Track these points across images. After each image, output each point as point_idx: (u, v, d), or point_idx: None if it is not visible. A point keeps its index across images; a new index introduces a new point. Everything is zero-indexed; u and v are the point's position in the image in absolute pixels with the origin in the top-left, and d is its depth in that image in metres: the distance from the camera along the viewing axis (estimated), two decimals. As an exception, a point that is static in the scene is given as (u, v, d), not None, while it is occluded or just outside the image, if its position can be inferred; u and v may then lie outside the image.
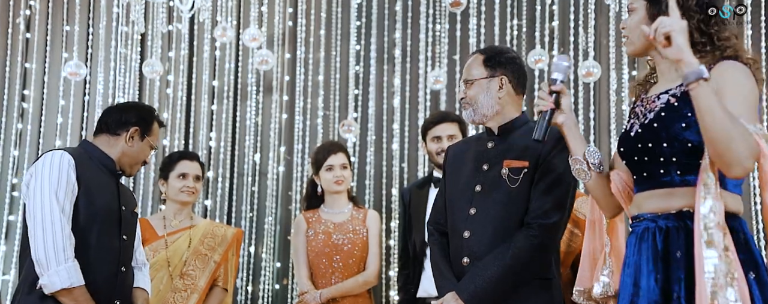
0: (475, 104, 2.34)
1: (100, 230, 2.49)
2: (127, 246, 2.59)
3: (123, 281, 2.55)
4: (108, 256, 2.50)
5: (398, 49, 4.63)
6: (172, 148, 4.62)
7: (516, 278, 2.22)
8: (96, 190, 2.50)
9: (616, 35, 4.38)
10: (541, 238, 2.22)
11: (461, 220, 2.31)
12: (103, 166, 2.58)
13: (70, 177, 2.42)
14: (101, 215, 2.50)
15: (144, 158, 2.67)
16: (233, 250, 3.42)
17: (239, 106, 4.69)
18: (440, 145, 3.49)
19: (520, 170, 2.25)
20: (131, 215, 2.64)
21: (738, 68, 1.77)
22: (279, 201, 4.58)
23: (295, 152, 4.61)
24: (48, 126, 4.64)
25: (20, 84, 4.68)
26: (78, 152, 2.53)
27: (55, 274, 2.33)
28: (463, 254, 2.29)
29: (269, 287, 4.50)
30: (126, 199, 2.64)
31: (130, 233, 2.62)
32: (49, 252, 2.33)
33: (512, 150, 2.30)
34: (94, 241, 2.46)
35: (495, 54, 2.38)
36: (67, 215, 2.40)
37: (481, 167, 2.33)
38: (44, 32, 4.71)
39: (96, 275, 2.44)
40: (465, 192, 2.33)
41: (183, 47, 4.71)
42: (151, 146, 2.68)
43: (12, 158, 4.57)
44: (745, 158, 1.63)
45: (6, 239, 4.47)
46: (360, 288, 3.53)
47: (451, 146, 2.57)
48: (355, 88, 4.65)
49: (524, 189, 2.25)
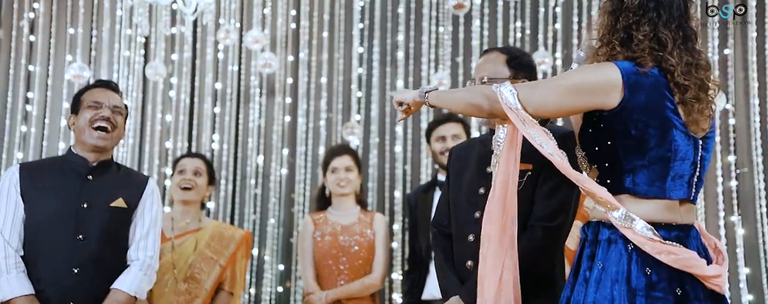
0: None
1: (47, 233, 2.50)
2: (84, 245, 2.51)
3: (79, 282, 2.48)
4: (56, 258, 2.49)
5: (401, 51, 4.63)
6: (176, 151, 4.63)
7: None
8: (44, 195, 2.53)
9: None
10: (543, 240, 2.21)
11: (466, 223, 2.31)
12: (67, 167, 2.61)
13: (11, 191, 2.52)
14: (49, 218, 2.51)
15: (88, 118, 2.59)
16: (242, 252, 3.40)
17: (242, 109, 4.69)
18: (445, 144, 3.50)
19: (523, 173, 2.23)
20: (101, 210, 2.56)
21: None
22: (282, 204, 4.58)
23: (298, 155, 4.61)
24: (52, 129, 4.65)
25: (24, 87, 4.69)
26: (40, 162, 2.64)
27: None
28: (468, 258, 2.29)
29: (272, 289, 4.50)
30: (93, 195, 2.56)
31: (92, 231, 2.53)
32: None
33: None
34: (41, 246, 2.49)
35: (518, 55, 2.37)
36: (9, 228, 2.47)
37: (485, 170, 2.32)
38: (48, 35, 4.71)
39: (42, 279, 2.47)
40: (469, 195, 2.32)
41: (186, 50, 4.71)
42: (89, 107, 2.61)
43: (16, 160, 4.57)
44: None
45: (10, 241, 4.47)
46: (365, 291, 3.53)
47: (454, 147, 2.56)
48: (358, 91, 4.65)
49: (528, 192, 2.23)
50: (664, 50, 1.85)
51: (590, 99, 1.84)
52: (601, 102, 1.84)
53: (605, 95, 1.83)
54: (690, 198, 1.88)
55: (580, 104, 1.86)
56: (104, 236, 2.55)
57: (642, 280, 1.78)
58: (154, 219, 2.67)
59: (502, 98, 1.89)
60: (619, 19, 1.89)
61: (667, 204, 1.84)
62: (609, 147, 1.87)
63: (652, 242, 1.78)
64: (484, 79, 2.34)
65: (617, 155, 1.86)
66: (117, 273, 2.58)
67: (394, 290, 4.38)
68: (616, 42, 1.88)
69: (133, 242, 2.63)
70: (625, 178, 1.85)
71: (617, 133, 1.85)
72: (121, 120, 2.63)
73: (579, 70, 1.92)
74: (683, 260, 1.78)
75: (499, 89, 1.91)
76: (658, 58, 1.85)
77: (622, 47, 1.87)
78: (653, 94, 1.83)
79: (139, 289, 2.59)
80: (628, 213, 1.81)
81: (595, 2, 4.45)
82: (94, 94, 2.63)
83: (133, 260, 2.62)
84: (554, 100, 1.87)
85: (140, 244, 2.63)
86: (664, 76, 1.85)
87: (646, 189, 1.83)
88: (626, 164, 1.85)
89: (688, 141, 1.86)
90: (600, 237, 1.88)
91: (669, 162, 1.83)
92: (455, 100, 2.05)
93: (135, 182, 2.68)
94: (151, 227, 2.66)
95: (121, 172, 2.69)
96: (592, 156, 1.93)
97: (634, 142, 1.84)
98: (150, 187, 2.69)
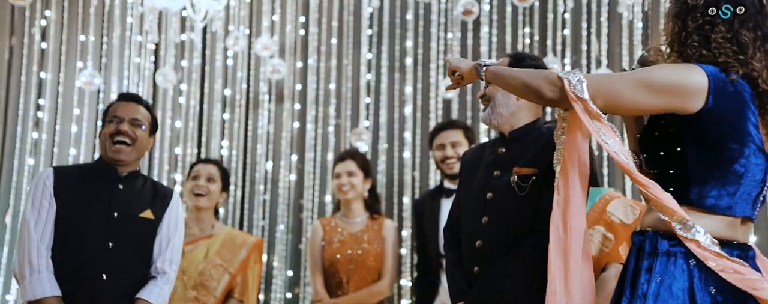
0: (492, 101, 2.32)
1: (77, 238, 2.53)
2: (113, 253, 2.54)
3: (106, 289, 2.51)
4: (86, 264, 2.51)
5: (410, 57, 4.63)
6: (185, 157, 4.65)
7: (522, 286, 2.20)
8: (76, 200, 2.57)
9: (629, 43, 4.36)
10: (545, 246, 2.19)
11: (474, 228, 2.30)
12: (98, 175, 2.64)
13: (45, 192, 2.55)
14: (80, 223, 2.54)
15: (108, 131, 2.64)
16: (254, 258, 3.39)
17: (251, 115, 4.71)
18: (443, 152, 3.50)
19: (528, 178, 2.23)
20: (131, 220, 2.60)
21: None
22: (291, 210, 4.59)
23: (307, 161, 4.62)
24: (63, 135, 4.68)
25: (36, 93, 4.72)
26: (73, 167, 2.65)
27: (26, 285, 2.46)
28: (474, 263, 2.28)
29: (281, 295, 4.50)
30: (123, 204, 2.60)
31: (122, 239, 2.57)
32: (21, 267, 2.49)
33: (523, 156, 2.28)
34: (71, 249, 2.52)
35: (521, 58, 2.38)
36: (42, 229, 2.51)
37: (493, 173, 2.31)
38: (59, 42, 4.75)
39: (71, 282, 2.50)
40: (477, 199, 2.32)
41: (196, 56, 4.74)
42: (110, 120, 2.66)
43: (27, 166, 4.61)
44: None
45: (21, 247, 4.50)
46: (373, 298, 3.52)
47: (466, 152, 2.57)
48: (367, 97, 4.66)
49: (533, 197, 2.22)
50: (745, 54, 1.72)
51: (670, 100, 1.72)
52: (680, 105, 1.72)
53: (687, 98, 1.71)
54: (752, 217, 1.77)
55: (657, 104, 1.73)
56: (132, 245, 2.59)
57: (706, 299, 1.67)
58: (178, 232, 2.71)
59: (568, 86, 1.74)
60: (687, 21, 1.77)
61: (730, 221, 1.73)
62: (677, 154, 1.75)
63: (719, 258, 1.66)
64: (488, 85, 2.34)
65: (686, 164, 1.74)
66: (140, 283, 2.60)
67: (403, 297, 4.37)
68: (692, 45, 1.75)
69: (160, 254, 2.64)
70: (692, 189, 1.73)
71: (690, 141, 1.73)
72: (142, 133, 2.66)
73: (660, 68, 1.78)
74: (749, 281, 1.66)
75: (567, 76, 1.75)
76: (741, 63, 1.72)
77: (700, 51, 1.74)
78: (738, 104, 1.72)
79: (163, 302, 2.63)
80: (695, 225, 1.68)
81: (604, 8, 4.45)
82: (115, 108, 2.69)
83: (159, 272, 2.64)
84: (630, 95, 1.72)
85: (166, 256, 2.65)
86: (749, 85, 1.73)
87: (713, 203, 1.72)
88: (695, 174, 1.73)
89: (761, 158, 1.75)
90: (659, 248, 1.74)
91: (741, 178, 1.72)
92: (513, 80, 1.87)
93: (161, 194, 2.71)
94: (176, 239, 2.70)
95: (148, 183, 2.72)
96: (653, 161, 1.81)
97: (709, 152, 1.72)
98: (175, 199, 2.73)
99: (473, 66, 1.99)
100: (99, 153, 2.74)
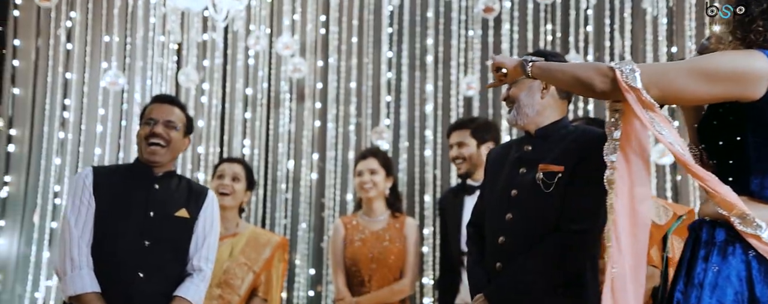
0: (516, 103, 2.32)
1: (115, 237, 2.58)
2: (150, 252, 2.58)
3: (143, 287, 2.55)
4: (123, 262, 2.55)
5: (430, 55, 4.62)
6: (207, 156, 4.69)
7: (542, 284, 2.20)
8: (114, 199, 2.62)
9: (653, 39, 4.30)
10: (570, 243, 2.19)
11: (497, 224, 2.30)
12: (135, 174, 2.69)
13: (85, 191, 2.61)
14: (117, 222, 2.59)
15: (143, 133, 2.70)
16: (279, 257, 3.40)
17: (273, 114, 4.73)
18: (452, 152, 3.53)
19: (554, 175, 2.22)
20: (167, 219, 2.64)
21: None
22: (312, 208, 4.61)
23: (328, 160, 4.63)
24: (88, 135, 4.74)
25: (62, 93, 4.79)
26: (111, 167, 2.71)
27: (67, 281, 2.51)
28: (497, 259, 2.28)
29: (303, 294, 4.53)
30: (159, 204, 2.65)
31: (158, 238, 2.60)
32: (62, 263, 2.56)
33: (549, 154, 2.27)
34: (109, 248, 2.57)
35: (543, 55, 2.34)
36: (82, 228, 2.57)
37: (519, 171, 2.31)
38: (84, 43, 4.81)
39: (109, 280, 2.54)
40: (502, 196, 2.31)
41: (217, 56, 4.77)
42: (145, 122, 2.71)
43: (54, 166, 4.68)
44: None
45: (50, 245, 4.58)
46: (394, 296, 3.52)
47: (492, 150, 2.58)
48: (388, 95, 4.66)
49: (559, 194, 2.21)
50: None
51: (729, 88, 1.68)
52: (740, 92, 1.68)
53: (749, 85, 1.66)
54: None
55: (716, 92, 1.69)
56: (168, 244, 2.62)
57: (766, 291, 1.64)
58: (213, 230, 2.73)
59: (620, 76, 1.70)
60: (750, 6, 1.72)
61: None
62: (737, 143, 1.71)
63: None
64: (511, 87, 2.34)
65: (746, 153, 1.70)
66: (178, 281, 2.63)
67: (425, 295, 4.37)
68: (756, 31, 1.71)
69: (195, 252, 2.67)
70: (753, 179, 1.70)
71: (751, 130, 1.69)
72: (176, 134, 2.69)
73: (721, 55, 1.73)
74: None
75: (619, 67, 1.71)
76: None
77: (765, 36, 1.70)
78: None
79: (200, 300, 2.65)
80: (756, 219, 1.64)
81: (628, 3, 4.38)
82: (150, 110, 2.74)
83: (195, 270, 2.66)
84: (685, 83, 1.68)
85: (202, 254, 2.68)
86: None
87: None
88: (757, 164, 1.69)
89: None
90: (716, 238, 1.71)
91: None
92: (562, 74, 1.85)
93: (196, 193, 2.74)
94: (211, 237, 2.71)
95: (183, 183, 2.75)
96: (712, 151, 1.77)
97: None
98: (210, 198, 2.75)
99: (519, 62, 1.97)
100: (122, 153, 2.78)
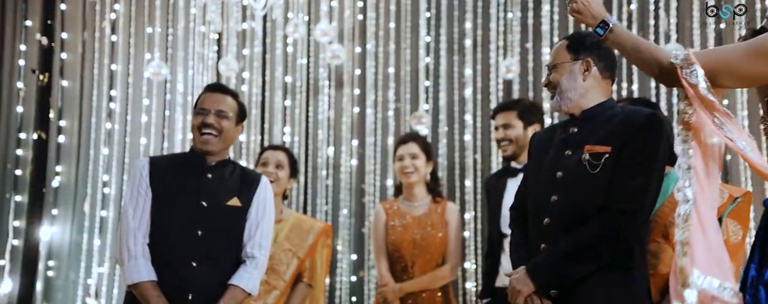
0: (558, 88, 2.31)
1: (169, 227, 2.63)
2: (202, 241, 2.62)
3: (197, 276, 2.59)
4: (177, 251, 2.60)
5: (469, 39, 4.57)
6: (249, 144, 4.75)
7: (585, 263, 2.17)
8: (169, 190, 2.66)
9: (700, 16, 4.17)
10: (616, 224, 2.15)
11: (542, 206, 2.28)
12: (189, 164, 2.74)
13: (142, 182, 2.66)
14: (171, 213, 2.63)
15: (196, 124, 2.73)
16: (322, 243, 3.43)
17: (312, 101, 4.76)
18: (497, 134, 3.49)
19: (601, 156, 2.20)
20: (219, 208, 2.66)
21: None
22: (353, 194, 4.63)
23: (368, 146, 4.64)
24: (134, 125, 4.84)
25: (108, 85, 4.90)
26: (166, 157, 2.84)
27: (126, 269, 2.59)
28: (541, 240, 2.27)
29: (346, 279, 4.56)
30: (211, 193, 2.67)
31: (211, 228, 2.64)
32: (120, 253, 2.64)
33: (595, 135, 2.25)
34: (163, 238, 2.62)
35: (580, 38, 2.34)
36: (139, 217, 2.62)
37: (564, 153, 2.29)
38: (128, 35, 4.91)
39: (164, 269, 2.59)
40: (547, 179, 2.30)
41: (257, 45, 4.81)
42: (198, 112, 2.74)
43: (102, 156, 4.80)
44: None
45: (100, 233, 4.71)
46: (436, 282, 3.52)
47: (536, 133, 2.56)
48: (426, 80, 4.63)
49: (606, 175, 2.19)
50: None
51: None
52: None
53: None
54: None
55: None
56: (221, 233, 2.65)
57: None
58: (266, 216, 2.75)
59: (682, 74, 1.77)
60: None
61: None
62: None
63: None
64: (546, 65, 2.36)
65: None
66: (231, 269, 2.66)
67: (467, 279, 4.37)
68: None
69: (249, 240, 2.69)
70: None
71: None
72: (228, 123, 2.71)
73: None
74: None
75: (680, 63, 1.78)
76: None
77: None
78: None
79: (254, 287, 2.68)
80: None
81: (672, -20, 4.26)
82: (203, 100, 2.77)
83: (248, 258, 2.68)
84: (748, 66, 1.72)
85: (255, 241, 2.70)
86: None
87: None
88: None
89: None
90: None
91: None
92: (632, 50, 1.93)
93: (248, 181, 2.76)
94: (264, 224, 2.73)
95: (237, 171, 2.78)
96: None
97: None
98: (262, 184, 2.77)
99: (601, 19, 1.99)
100: (166, 142, 2.83)
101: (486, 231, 3.72)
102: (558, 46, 2.37)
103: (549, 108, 3.74)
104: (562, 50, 2.33)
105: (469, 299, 4.40)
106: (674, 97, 4.29)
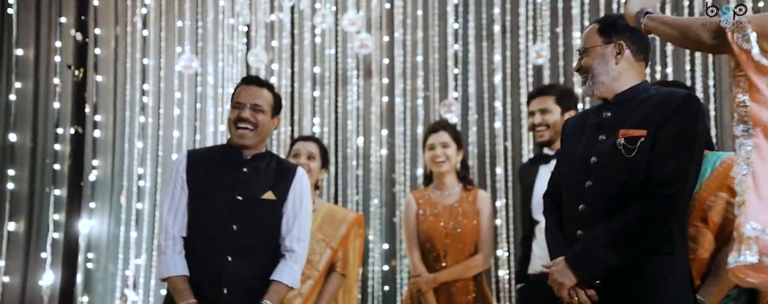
0: (590, 72, 2.26)
1: (204, 221, 2.64)
2: (238, 235, 2.62)
3: (232, 270, 2.59)
4: (212, 246, 2.62)
5: (498, 24, 4.52)
6: (279, 135, 4.78)
7: (626, 250, 2.13)
8: (205, 184, 2.68)
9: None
10: (656, 209, 2.10)
11: (576, 192, 2.24)
12: (225, 158, 2.74)
13: (178, 177, 2.70)
14: (207, 207, 2.65)
15: (232, 118, 2.72)
16: (355, 233, 3.43)
17: (341, 91, 4.76)
18: (532, 120, 3.41)
19: (636, 140, 2.15)
20: (254, 202, 2.66)
21: None
22: (383, 184, 4.63)
23: (397, 135, 4.62)
24: (166, 118, 4.90)
25: (140, 79, 4.97)
26: (204, 150, 2.90)
27: (159, 265, 2.64)
28: (577, 227, 2.22)
29: (378, 268, 4.58)
30: (246, 187, 2.67)
31: (246, 222, 2.64)
32: (158, 247, 2.69)
33: (630, 119, 2.20)
34: (199, 232, 2.64)
35: (611, 21, 2.29)
36: (174, 213, 2.66)
37: (598, 138, 2.25)
38: (158, 29, 4.96)
39: (198, 264, 2.62)
40: (581, 164, 2.26)
41: (285, 36, 4.82)
42: (234, 106, 2.74)
43: (137, 149, 4.88)
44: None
45: (136, 225, 4.80)
46: (469, 272, 3.49)
47: (568, 119, 2.50)
48: (455, 68, 4.59)
49: (642, 159, 2.14)
50: None
51: None
52: None
53: None
54: None
55: None
56: (256, 227, 2.65)
57: None
58: (303, 208, 2.73)
59: (733, 38, 1.71)
60: None
61: None
62: None
63: None
64: (577, 50, 2.31)
65: None
66: (268, 263, 2.66)
67: (500, 267, 4.35)
68: None
69: (288, 233, 2.68)
70: None
71: None
72: (263, 117, 2.70)
73: None
74: None
75: (731, 27, 1.72)
76: None
77: None
78: None
79: (296, 281, 2.68)
80: None
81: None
82: (238, 93, 2.75)
83: (288, 251, 2.68)
84: None
85: (293, 234, 2.69)
86: None
87: None
88: None
89: None
90: None
91: None
92: (671, 28, 1.88)
93: (284, 174, 2.74)
94: (301, 216, 2.72)
95: (273, 163, 2.76)
96: None
97: None
98: (298, 176, 2.74)
99: (636, 14, 1.98)
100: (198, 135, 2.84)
101: (520, 218, 3.68)
102: (589, 29, 2.32)
103: (581, 94, 3.68)
104: (593, 34, 2.28)
105: (502, 286, 4.38)
106: (711, 79, 4.18)
